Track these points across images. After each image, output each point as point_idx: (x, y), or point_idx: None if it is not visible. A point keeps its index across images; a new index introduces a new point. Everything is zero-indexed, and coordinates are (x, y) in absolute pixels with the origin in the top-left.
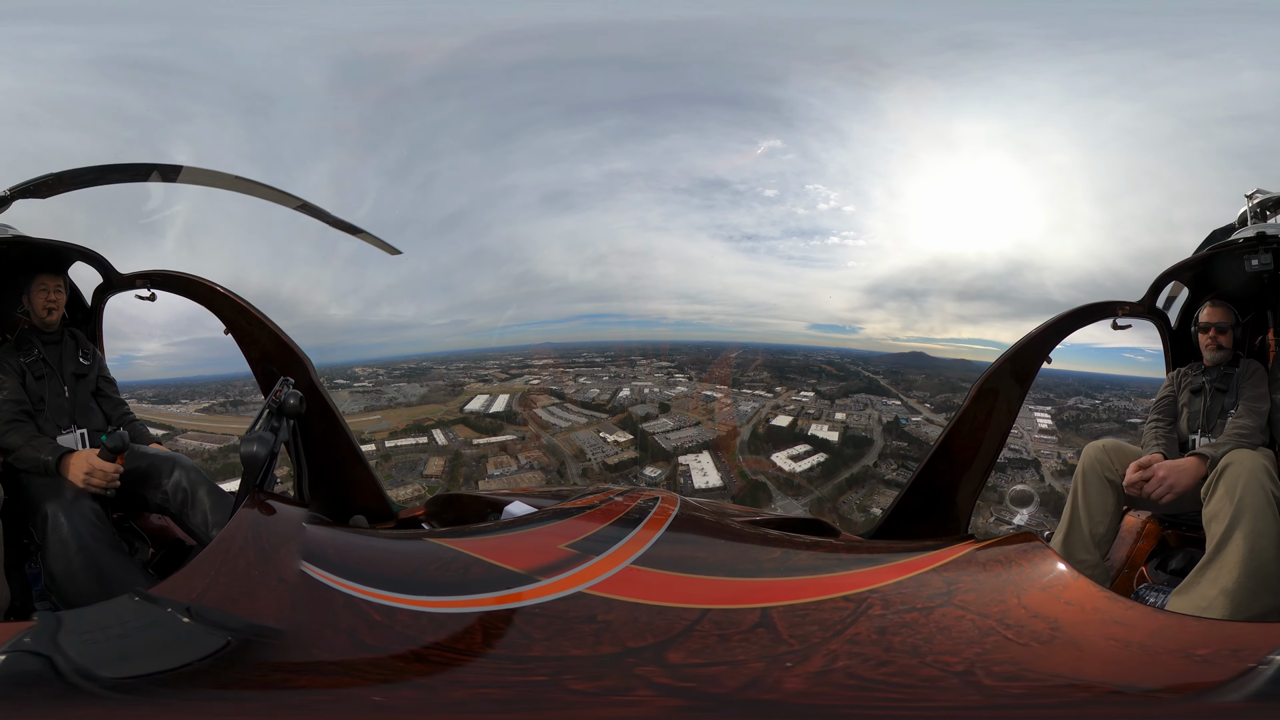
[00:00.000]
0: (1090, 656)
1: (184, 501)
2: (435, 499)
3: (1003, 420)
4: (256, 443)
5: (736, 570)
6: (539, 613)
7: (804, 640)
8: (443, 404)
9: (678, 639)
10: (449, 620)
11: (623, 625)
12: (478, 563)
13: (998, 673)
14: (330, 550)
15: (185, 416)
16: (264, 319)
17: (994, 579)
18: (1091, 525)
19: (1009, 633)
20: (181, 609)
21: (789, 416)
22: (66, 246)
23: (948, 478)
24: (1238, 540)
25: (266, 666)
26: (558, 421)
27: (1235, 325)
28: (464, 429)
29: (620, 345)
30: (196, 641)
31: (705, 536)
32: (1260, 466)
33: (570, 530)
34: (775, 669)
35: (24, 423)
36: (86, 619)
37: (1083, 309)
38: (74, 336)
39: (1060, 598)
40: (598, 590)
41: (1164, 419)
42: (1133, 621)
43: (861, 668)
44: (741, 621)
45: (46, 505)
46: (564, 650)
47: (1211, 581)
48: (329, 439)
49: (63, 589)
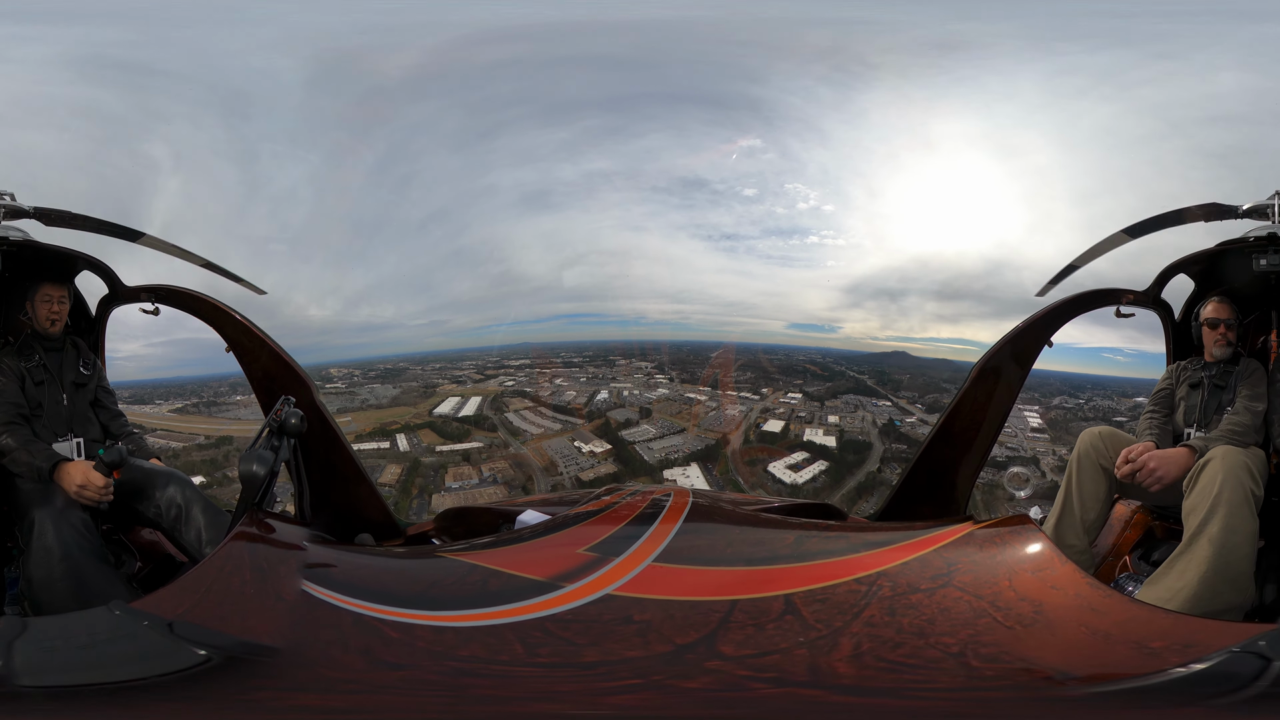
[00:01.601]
0: (1058, 641)
1: (177, 517)
2: (444, 514)
3: (1003, 402)
4: (256, 461)
5: (755, 559)
6: (572, 619)
7: (828, 625)
8: (413, 406)
9: (718, 631)
10: (477, 634)
11: (662, 623)
12: (496, 574)
13: (983, 654)
14: (335, 569)
15: (157, 416)
16: (266, 338)
17: (989, 560)
18: (1083, 511)
19: (998, 615)
20: (162, 624)
21: (780, 421)
22: (75, 255)
23: (948, 459)
24: (1209, 534)
25: (252, 684)
26: (529, 428)
27: (1239, 323)
28: (430, 434)
29: (598, 345)
30: (170, 656)
31: (720, 527)
32: (1242, 464)
33: (587, 534)
34: (820, 655)
35: (20, 426)
36: (54, 627)
37: (1087, 295)
38: (75, 345)
39: (1047, 582)
40: (625, 591)
41: (1160, 410)
42: (1107, 610)
43: (882, 649)
44: (770, 610)
45: (35, 511)
46: (619, 653)
47: (1179, 574)
48: (331, 458)
49: (38, 596)
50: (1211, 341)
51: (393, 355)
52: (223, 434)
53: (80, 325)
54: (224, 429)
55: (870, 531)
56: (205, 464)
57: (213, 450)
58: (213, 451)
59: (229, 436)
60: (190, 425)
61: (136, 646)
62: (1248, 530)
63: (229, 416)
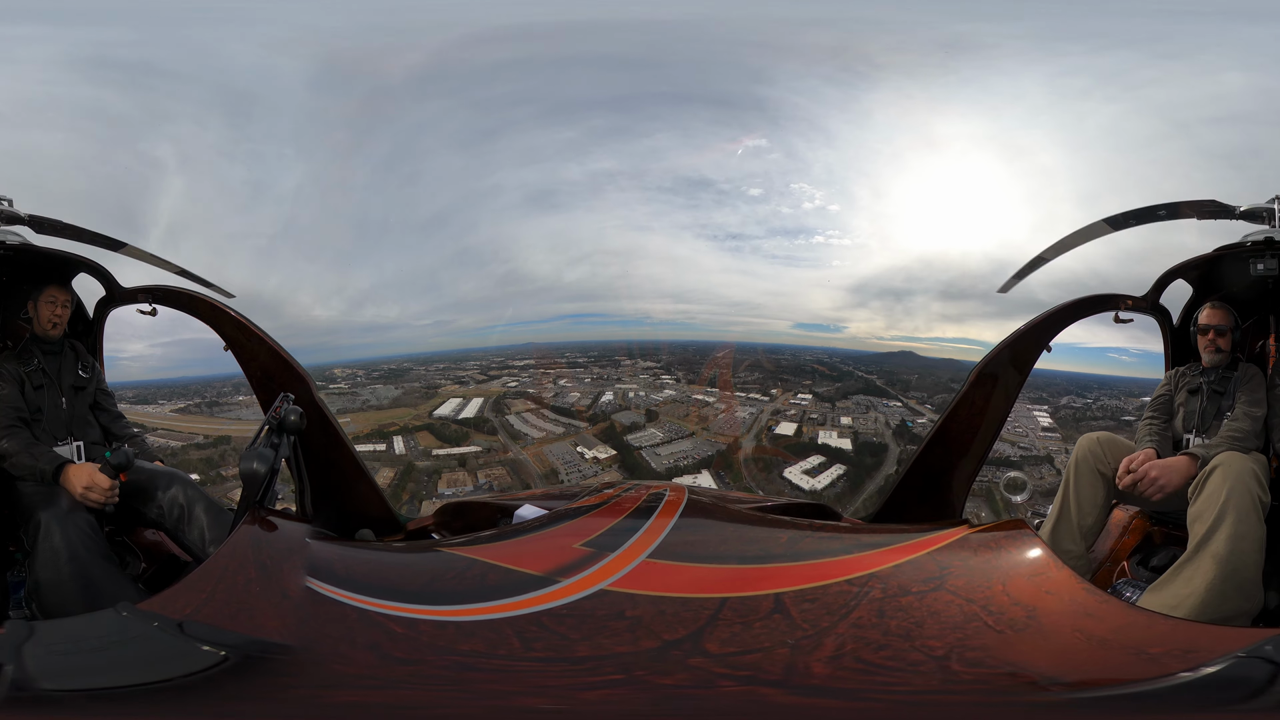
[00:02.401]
0: (1051, 646)
1: (180, 517)
2: (444, 508)
3: (1000, 407)
4: (256, 459)
5: (747, 557)
6: (567, 613)
7: (815, 625)
8: (414, 407)
9: (705, 629)
10: (478, 628)
11: (653, 619)
12: (494, 569)
13: (968, 659)
14: (337, 565)
15: (159, 416)
16: (264, 336)
17: (983, 564)
18: (1080, 516)
19: (989, 619)
20: (172, 624)
21: (792, 423)
22: (72, 257)
23: (945, 461)
24: (1218, 541)
25: (272, 683)
26: (530, 431)
27: (1235, 328)
28: (427, 436)
29: (603, 345)
30: (188, 657)
31: (714, 524)
32: (1249, 470)
33: (584, 529)
34: (800, 655)
35: (20, 429)
36: (62, 631)
37: (1086, 300)
38: (74, 348)
39: (1042, 587)
40: (619, 586)
41: (1159, 416)
42: (1103, 615)
43: (864, 650)
44: (759, 608)
45: (41, 513)
46: (608, 648)
47: (1185, 580)
48: (331, 455)
49: (47, 598)
50: (1203, 348)
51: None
52: (221, 434)
53: (78, 328)
54: (222, 429)
55: (865, 533)
56: (201, 463)
57: (210, 449)
58: (210, 451)
59: (227, 436)
60: (190, 425)
61: (149, 648)
62: (1255, 536)
63: (230, 416)
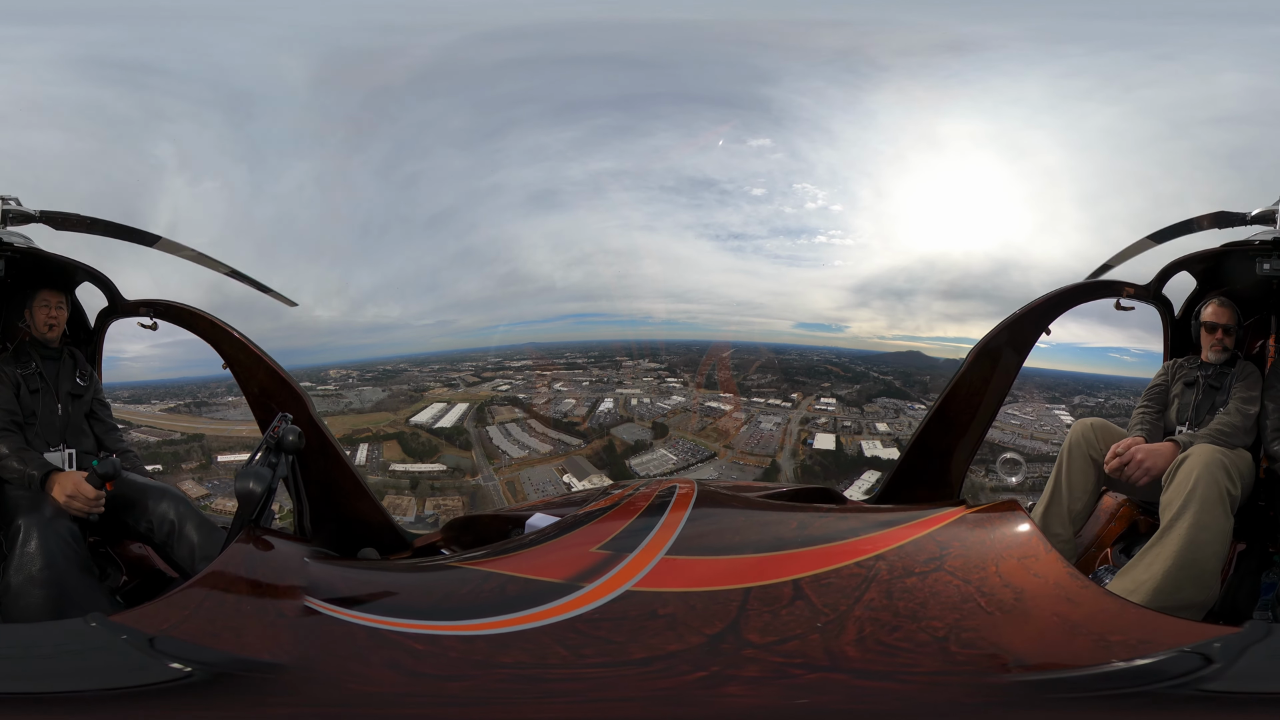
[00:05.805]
0: (1030, 629)
1: (170, 533)
2: (452, 523)
3: (999, 387)
4: (252, 478)
5: (762, 546)
6: (600, 617)
7: (834, 609)
8: (394, 412)
9: (739, 620)
10: (511, 640)
11: (686, 615)
12: (514, 580)
13: (963, 639)
14: (339, 584)
15: (148, 415)
16: (263, 355)
17: (979, 545)
18: (1071, 501)
19: (982, 600)
20: (142, 638)
21: (828, 434)
22: (75, 265)
23: (944, 442)
24: (1179, 529)
25: (249, 700)
26: (511, 449)
27: (1239, 326)
28: (394, 447)
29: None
30: (148, 671)
31: (726, 514)
32: (1218, 461)
33: (598, 533)
34: (829, 639)
35: (13, 433)
36: (17, 635)
37: (1088, 284)
38: (73, 356)
39: (1030, 569)
40: (644, 586)
41: (1153, 406)
42: (1082, 600)
43: (881, 633)
44: (781, 595)
45: (22, 518)
46: (660, 647)
47: (1146, 566)
48: (330, 474)
49: (14, 602)
50: (1208, 345)
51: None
52: (195, 432)
53: (79, 337)
54: (199, 428)
55: (869, 513)
56: (169, 455)
57: (179, 445)
58: (178, 447)
59: (200, 434)
60: (172, 424)
61: (107, 660)
62: (1218, 529)
63: (215, 417)
